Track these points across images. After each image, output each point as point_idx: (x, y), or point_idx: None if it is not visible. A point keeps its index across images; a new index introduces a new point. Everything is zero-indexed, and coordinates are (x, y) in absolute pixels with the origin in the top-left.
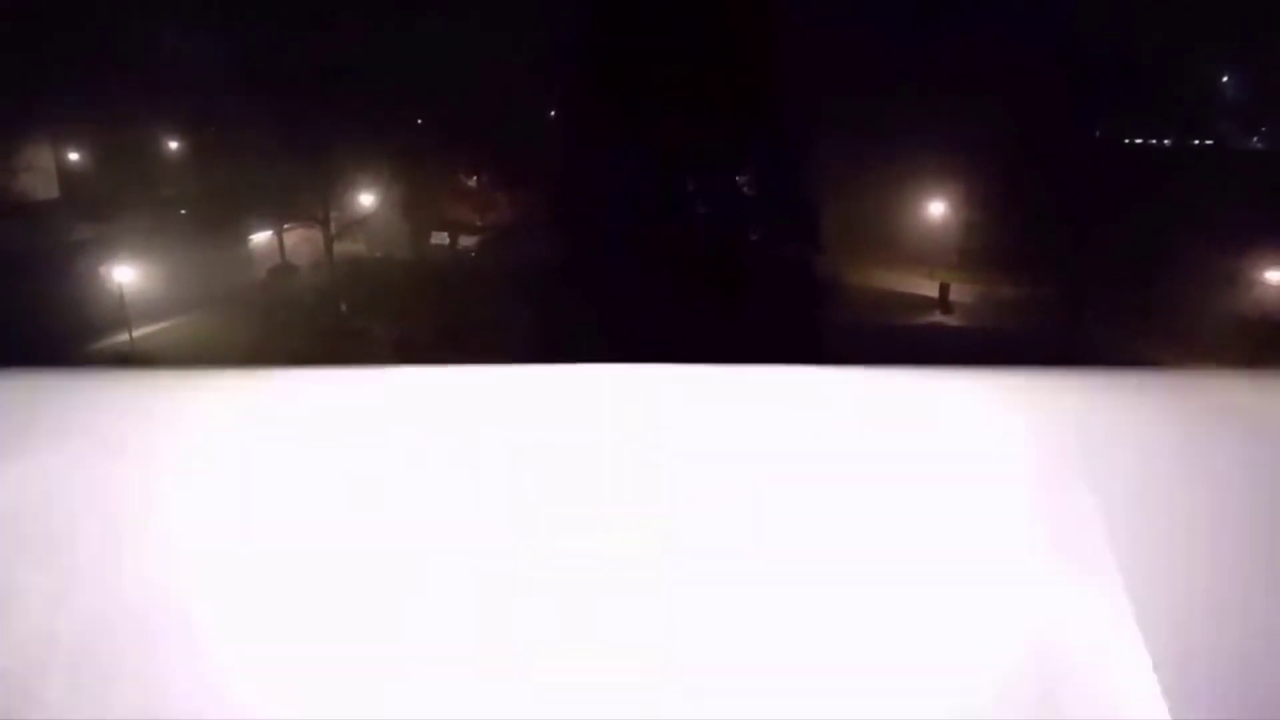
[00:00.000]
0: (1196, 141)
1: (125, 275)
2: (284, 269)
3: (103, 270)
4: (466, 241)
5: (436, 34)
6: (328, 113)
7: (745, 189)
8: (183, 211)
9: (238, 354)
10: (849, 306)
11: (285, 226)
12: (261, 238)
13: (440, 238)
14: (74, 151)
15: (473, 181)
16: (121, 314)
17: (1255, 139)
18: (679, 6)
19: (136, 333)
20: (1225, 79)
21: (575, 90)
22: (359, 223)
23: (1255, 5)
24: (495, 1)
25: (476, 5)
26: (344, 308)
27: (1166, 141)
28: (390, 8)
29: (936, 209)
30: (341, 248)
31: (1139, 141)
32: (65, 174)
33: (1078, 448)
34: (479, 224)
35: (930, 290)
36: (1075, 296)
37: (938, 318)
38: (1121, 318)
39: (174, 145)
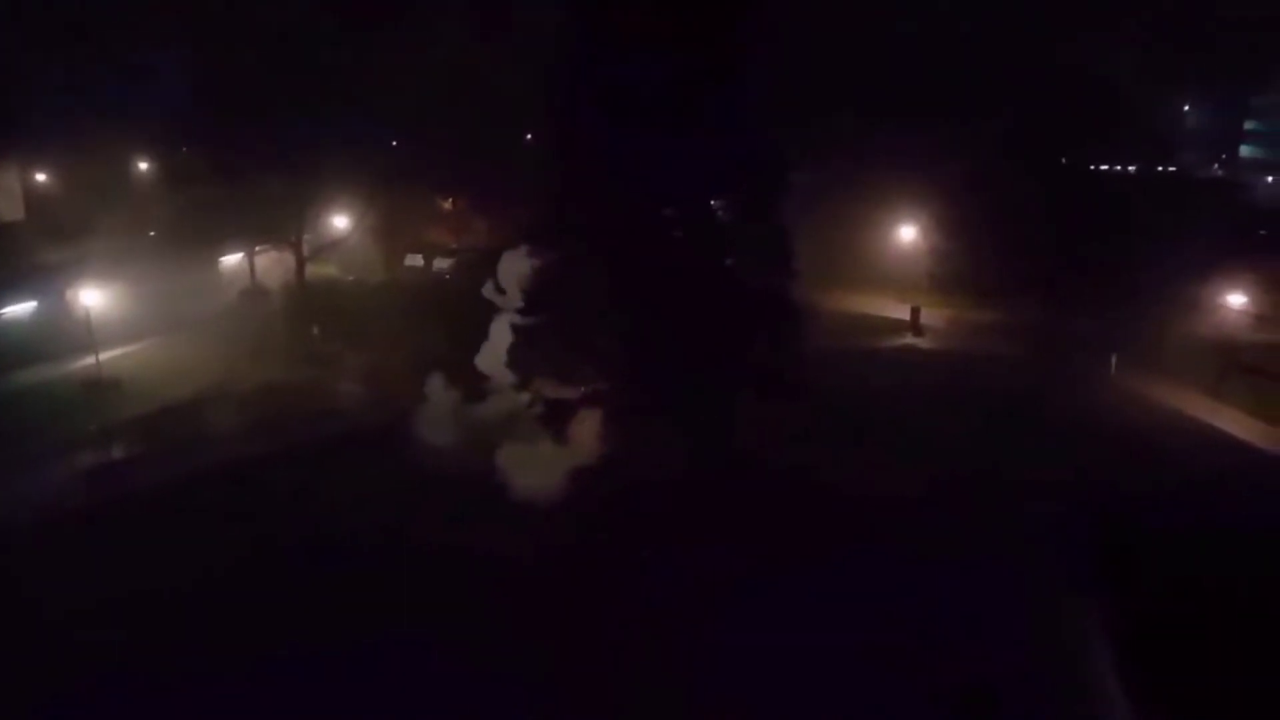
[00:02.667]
0: (1160, 168)
1: (92, 298)
2: (255, 292)
3: (70, 293)
4: (441, 264)
5: (413, 58)
6: (301, 136)
7: (721, 215)
8: (152, 234)
9: (207, 378)
10: (824, 330)
11: (257, 249)
12: (232, 260)
13: (414, 260)
14: (41, 173)
15: (448, 204)
16: (89, 337)
17: (1216, 166)
18: (658, 34)
19: (104, 356)
20: (1187, 109)
21: (553, 116)
22: (332, 245)
23: (1215, 47)
24: (473, 27)
25: (454, 31)
26: (316, 331)
27: (1131, 169)
28: (366, 32)
29: (907, 236)
30: (314, 270)
31: (1104, 168)
32: (32, 195)
33: None
34: (454, 246)
35: (902, 314)
36: (1043, 318)
37: (910, 340)
38: (1088, 338)
39: (144, 167)
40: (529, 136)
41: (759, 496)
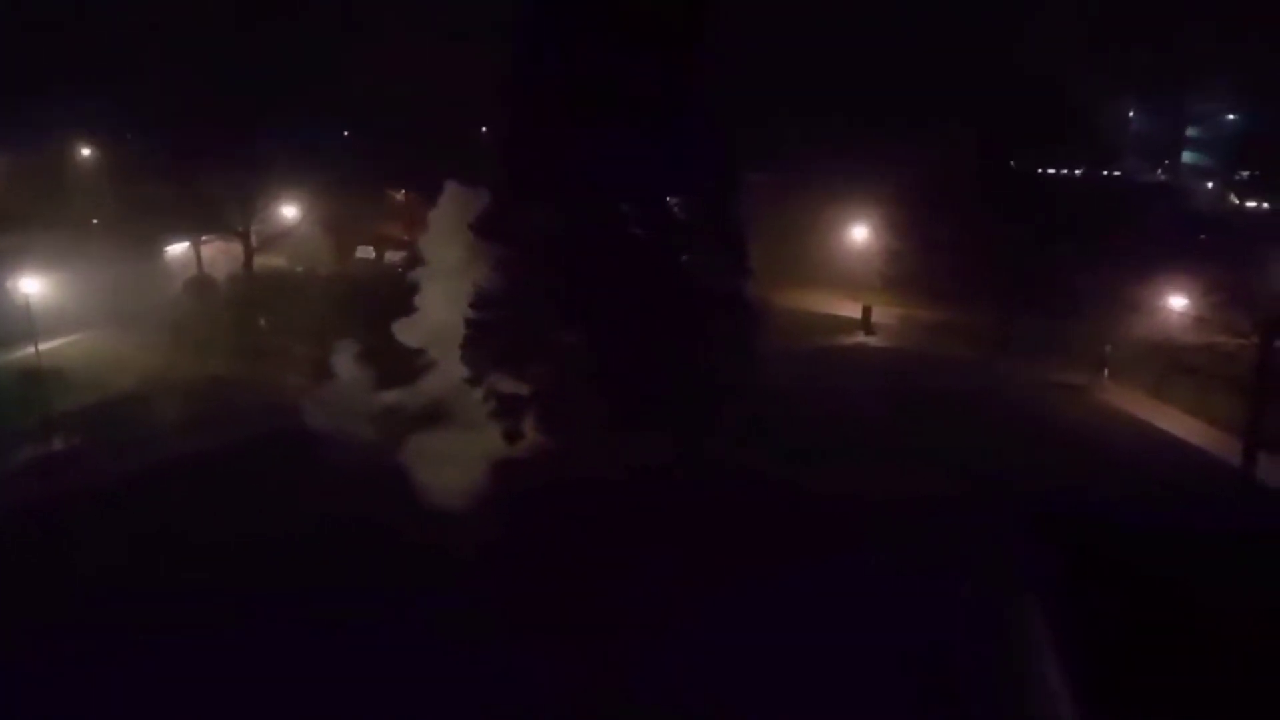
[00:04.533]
0: (1105, 173)
1: (32, 287)
2: (201, 283)
3: (9, 281)
4: (393, 257)
5: (368, 47)
6: (251, 124)
7: (678, 213)
8: (95, 221)
9: (151, 370)
10: (776, 328)
11: (203, 239)
12: (178, 249)
13: (366, 252)
14: None
15: (400, 196)
16: (29, 326)
17: (1159, 172)
18: (615, 28)
19: (45, 345)
20: (1131, 115)
21: (507, 109)
22: (281, 237)
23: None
24: (432, 20)
25: (412, 23)
26: (263, 323)
27: (1078, 172)
28: (322, 23)
29: (860, 236)
30: (262, 261)
31: (1051, 172)
32: None
33: None
34: (406, 239)
35: (854, 312)
36: (992, 319)
37: (861, 338)
38: (1036, 339)
39: (87, 154)
40: (483, 129)
41: (706, 495)
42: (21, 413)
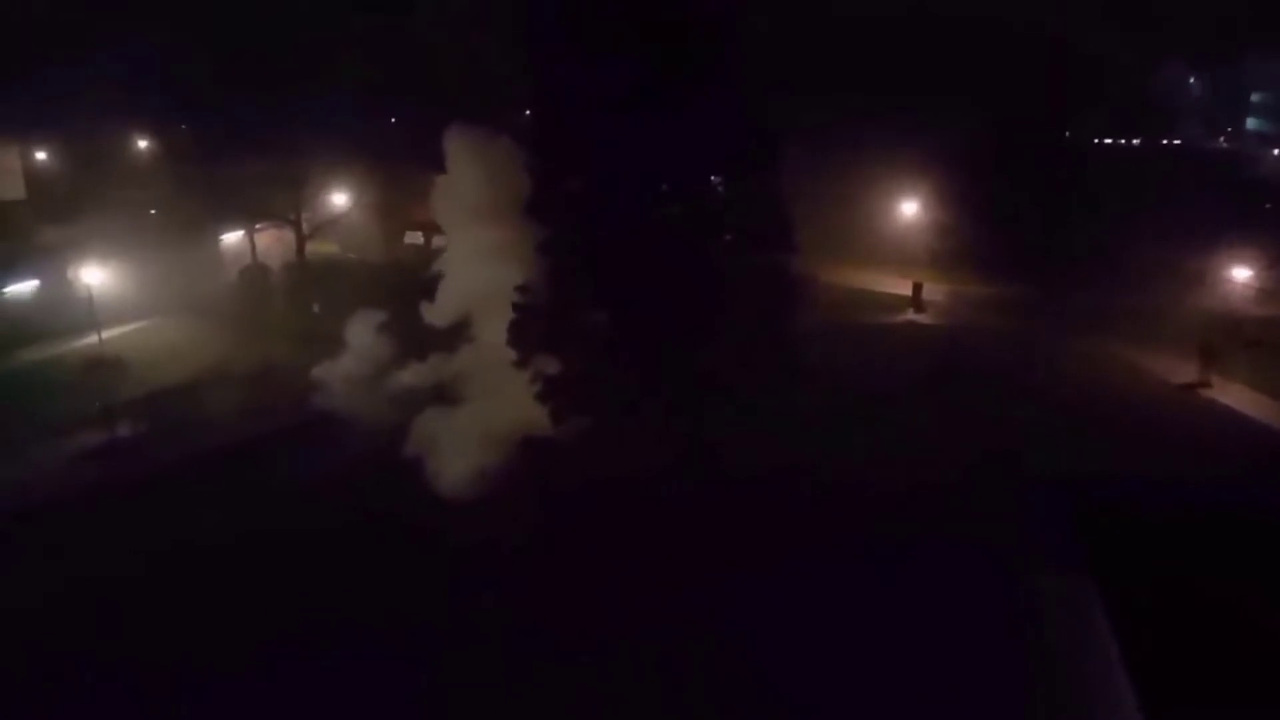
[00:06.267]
0: (1165, 141)
1: (94, 277)
2: (256, 270)
3: (72, 272)
4: (440, 242)
5: (411, 32)
6: (298, 112)
7: (720, 190)
8: (153, 212)
9: (209, 357)
10: (826, 305)
11: (257, 227)
12: (233, 238)
13: (414, 237)
14: (41, 151)
15: None
16: (91, 316)
17: (1221, 140)
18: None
19: (107, 334)
20: (1191, 81)
21: (551, 86)
22: (331, 223)
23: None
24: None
25: (455, 5)
26: (317, 309)
27: (1135, 142)
28: (366, 7)
29: (908, 212)
30: (314, 248)
31: (1108, 142)
32: (32, 174)
33: None
34: None
35: (903, 289)
36: (1046, 293)
37: (911, 316)
38: (1092, 314)
39: (143, 145)
40: (526, 112)
41: (749, 483)
42: (86, 401)
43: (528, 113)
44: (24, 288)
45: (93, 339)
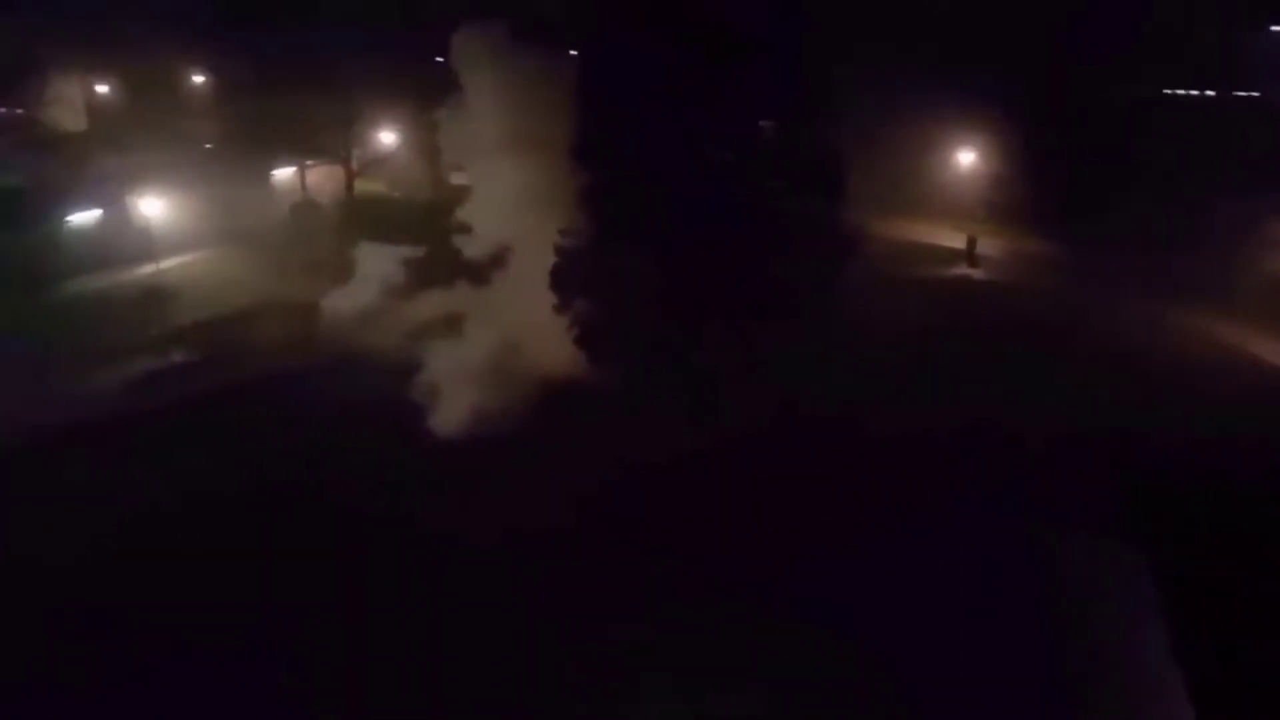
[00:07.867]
0: (1240, 94)
1: (152, 208)
2: (306, 205)
3: (131, 202)
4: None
5: None
6: (351, 50)
7: (769, 136)
8: (208, 146)
9: (260, 289)
10: (875, 257)
11: (308, 164)
12: (285, 174)
13: (461, 178)
14: (102, 85)
15: None
16: (149, 246)
17: None
18: None
19: (163, 264)
20: (1276, 29)
21: (599, 31)
22: (380, 162)
23: None
24: None
25: None
26: (364, 247)
27: (1210, 93)
28: None
29: (964, 162)
30: (363, 186)
31: (1179, 93)
32: (93, 107)
33: None
34: None
35: (957, 243)
36: (1109, 251)
37: (964, 270)
38: (1160, 275)
39: (199, 80)
40: (573, 52)
41: (796, 442)
42: (143, 328)
43: (572, 52)
44: (87, 217)
45: (150, 268)
